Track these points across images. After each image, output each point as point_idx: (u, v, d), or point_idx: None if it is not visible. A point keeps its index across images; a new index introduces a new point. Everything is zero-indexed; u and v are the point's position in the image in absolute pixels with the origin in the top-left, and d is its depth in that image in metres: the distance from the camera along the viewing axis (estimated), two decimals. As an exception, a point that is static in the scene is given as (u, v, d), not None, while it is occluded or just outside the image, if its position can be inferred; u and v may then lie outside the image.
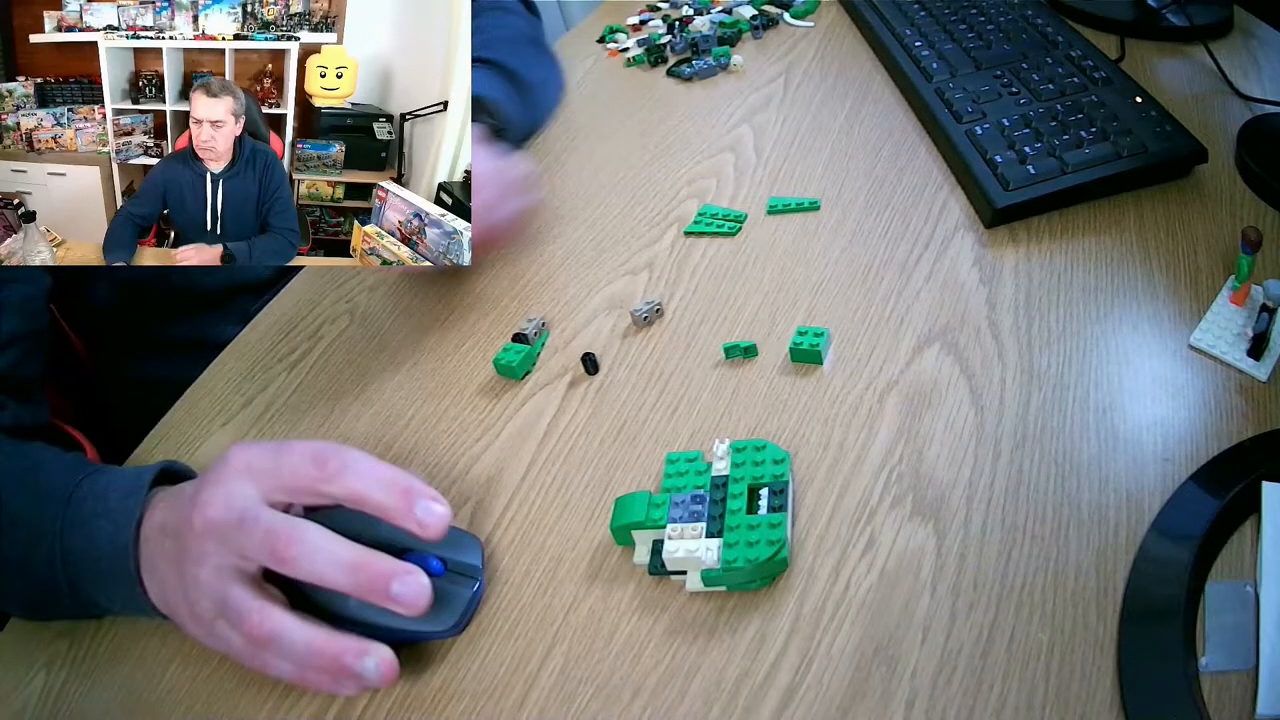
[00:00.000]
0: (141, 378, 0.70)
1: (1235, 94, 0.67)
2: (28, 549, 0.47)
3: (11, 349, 0.58)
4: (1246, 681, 0.36)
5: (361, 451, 0.44)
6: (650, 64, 0.89)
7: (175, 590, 0.44)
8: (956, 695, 0.37)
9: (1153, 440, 0.45)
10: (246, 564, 0.43)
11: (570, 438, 0.53)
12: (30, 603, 0.50)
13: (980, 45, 0.75)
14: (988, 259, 0.58)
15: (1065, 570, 0.41)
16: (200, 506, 0.43)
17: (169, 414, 0.63)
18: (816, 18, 0.92)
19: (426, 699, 0.43)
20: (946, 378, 0.50)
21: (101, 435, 0.64)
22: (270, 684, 0.45)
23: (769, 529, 0.43)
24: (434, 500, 0.44)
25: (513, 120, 0.74)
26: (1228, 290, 0.51)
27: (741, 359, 0.55)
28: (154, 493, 0.48)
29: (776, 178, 0.69)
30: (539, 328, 0.60)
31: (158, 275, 0.67)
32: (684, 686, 0.40)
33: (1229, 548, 0.40)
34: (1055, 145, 0.61)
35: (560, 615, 0.44)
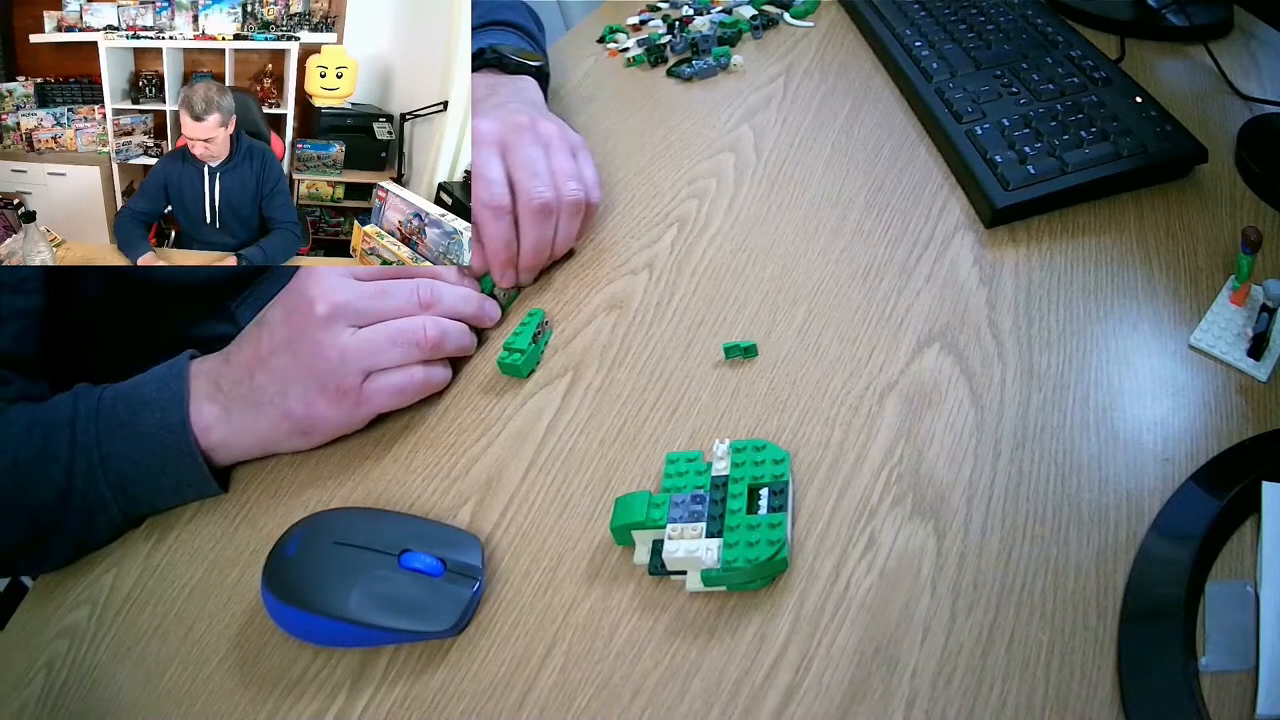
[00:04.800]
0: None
1: (1235, 94, 0.67)
2: (67, 476, 0.51)
3: (10, 324, 0.59)
4: (1246, 681, 0.36)
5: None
6: (650, 64, 0.89)
7: (298, 400, 0.52)
8: (956, 695, 0.38)
9: (1153, 440, 0.45)
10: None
11: (570, 438, 0.53)
12: (77, 538, 0.53)
13: (980, 45, 0.75)
14: (988, 259, 0.58)
15: (1065, 570, 0.41)
16: (326, 294, 0.52)
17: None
18: (816, 18, 0.92)
19: (426, 699, 0.43)
20: (946, 378, 0.50)
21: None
22: (270, 684, 0.45)
23: (769, 529, 0.43)
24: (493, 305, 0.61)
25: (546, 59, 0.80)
26: (1228, 290, 0.51)
27: (741, 359, 0.55)
28: (187, 369, 0.54)
29: (776, 178, 0.69)
30: (540, 325, 0.60)
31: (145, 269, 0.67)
32: (684, 686, 0.40)
33: (1229, 548, 0.40)
34: (1055, 145, 0.61)
35: (560, 615, 0.44)
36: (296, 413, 0.52)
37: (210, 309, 0.73)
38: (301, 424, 0.53)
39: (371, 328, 0.53)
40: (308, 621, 0.45)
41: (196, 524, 0.54)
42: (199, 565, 0.52)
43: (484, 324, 0.60)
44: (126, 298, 0.68)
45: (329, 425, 0.54)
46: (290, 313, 0.52)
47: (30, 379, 0.60)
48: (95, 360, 0.65)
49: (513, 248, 0.61)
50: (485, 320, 0.60)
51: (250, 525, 0.53)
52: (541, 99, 0.72)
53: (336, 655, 0.45)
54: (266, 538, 0.50)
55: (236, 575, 0.51)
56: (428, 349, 0.54)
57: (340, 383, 0.52)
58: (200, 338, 0.61)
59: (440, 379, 0.56)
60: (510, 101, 0.67)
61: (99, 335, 0.68)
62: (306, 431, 0.53)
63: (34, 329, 0.61)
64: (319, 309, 0.51)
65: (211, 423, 0.53)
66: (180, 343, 0.57)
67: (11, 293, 0.59)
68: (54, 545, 0.53)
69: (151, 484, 0.53)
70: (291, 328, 0.52)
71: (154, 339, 0.61)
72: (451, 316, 0.57)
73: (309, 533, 0.47)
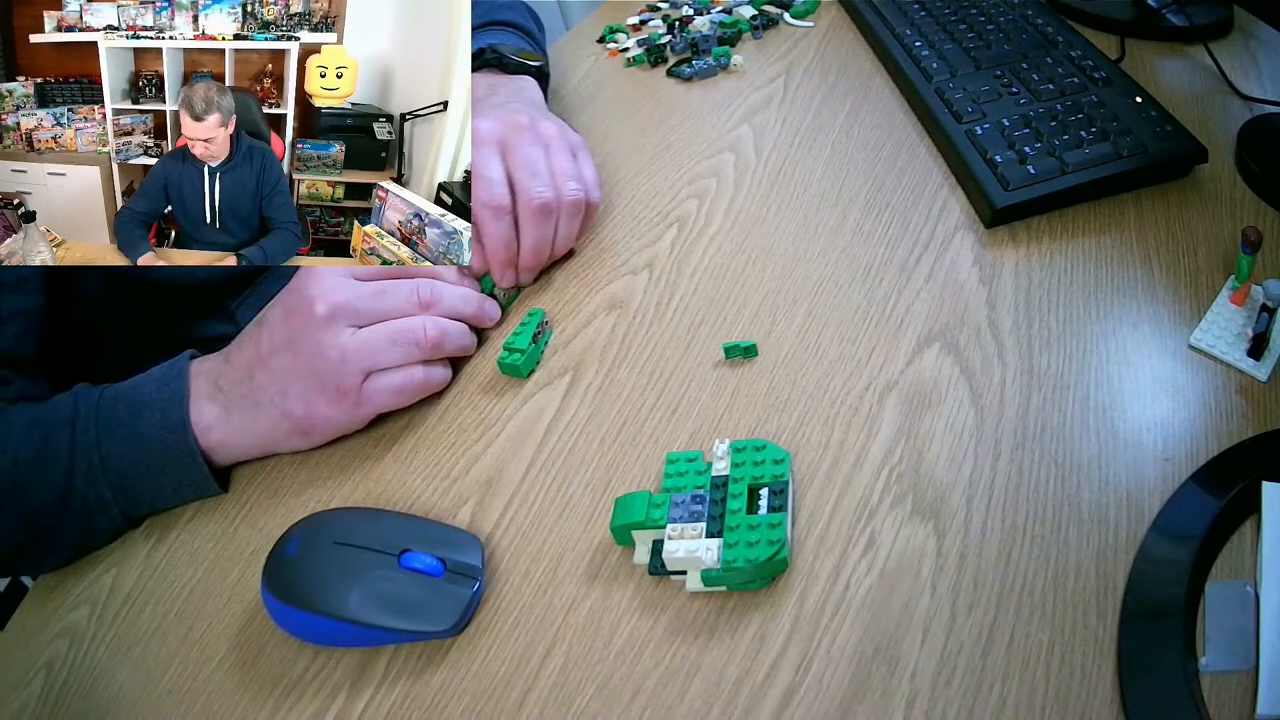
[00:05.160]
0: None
1: (1235, 94, 0.67)
2: (67, 476, 0.51)
3: (10, 324, 0.59)
4: (1246, 681, 0.36)
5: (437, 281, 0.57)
6: (650, 64, 0.89)
7: (298, 400, 0.52)
8: (956, 695, 0.38)
9: (1153, 440, 0.45)
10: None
11: (570, 438, 0.53)
12: (77, 538, 0.53)
13: (980, 45, 0.75)
14: (988, 259, 0.58)
15: (1065, 570, 0.41)
16: (326, 294, 0.52)
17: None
18: (816, 18, 0.92)
19: (426, 699, 0.43)
20: (946, 378, 0.50)
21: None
22: (270, 684, 0.45)
23: (769, 529, 0.43)
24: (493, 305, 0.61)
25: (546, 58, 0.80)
26: (1228, 290, 0.51)
27: (741, 359, 0.55)
28: (187, 369, 0.54)
29: (776, 178, 0.69)
30: (540, 325, 0.60)
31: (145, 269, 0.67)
32: (684, 686, 0.40)
33: (1229, 548, 0.40)
34: (1055, 145, 0.61)
35: (560, 615, 0.44)
36: (296, 413, 0.52)
37: (210, 309, 0.73)
38: (301, 424, 0.53)
39: (371, 328, 0.53)
40: (308, 621, 0.45)
41: (196, 524, 0.54)
42: (199, 565, 0.52)
43: (484, 324, 0.60)
44: (126, 298, 0.68)
45: (329, 425, 0.54)
46: (290, 313, 0.52)
47: (30, 379, 0.60)
48: (95, 360, 0.65)
49: (513, 248, 0.61)
50: (485, 320, 0.60)
51: (250, 525, 0.53)
52: (541, 99, 0.72)
53: (336, 655, 0.45)
54: (266, 538, 0.50)
55: (236, 575, 0.51)
56: (428, 349, 0.54)
57: (340, 383, 0.52)
58: (200, 338, 0.61)
59: (440, 379, 0.56)
60: (510, 101, 0.67)
61: (99, 335, 0.68)
62: (306, 431, 0.53)
63: (34, 329, 0.61)
64: (319, 309, 0.51)
65: (211, 422, 0.53)
66: (180, 343, 0.57)
67: (11, 293, 0.59)
68: (54, 545, 0.53)
69: (151, 484, 0.53)
70: (291, 328, 0.52)
71: (154, 339, 0.61)
72: (451, 316, 0.57)
73: (309, 533, 0.47)
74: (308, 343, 0.51)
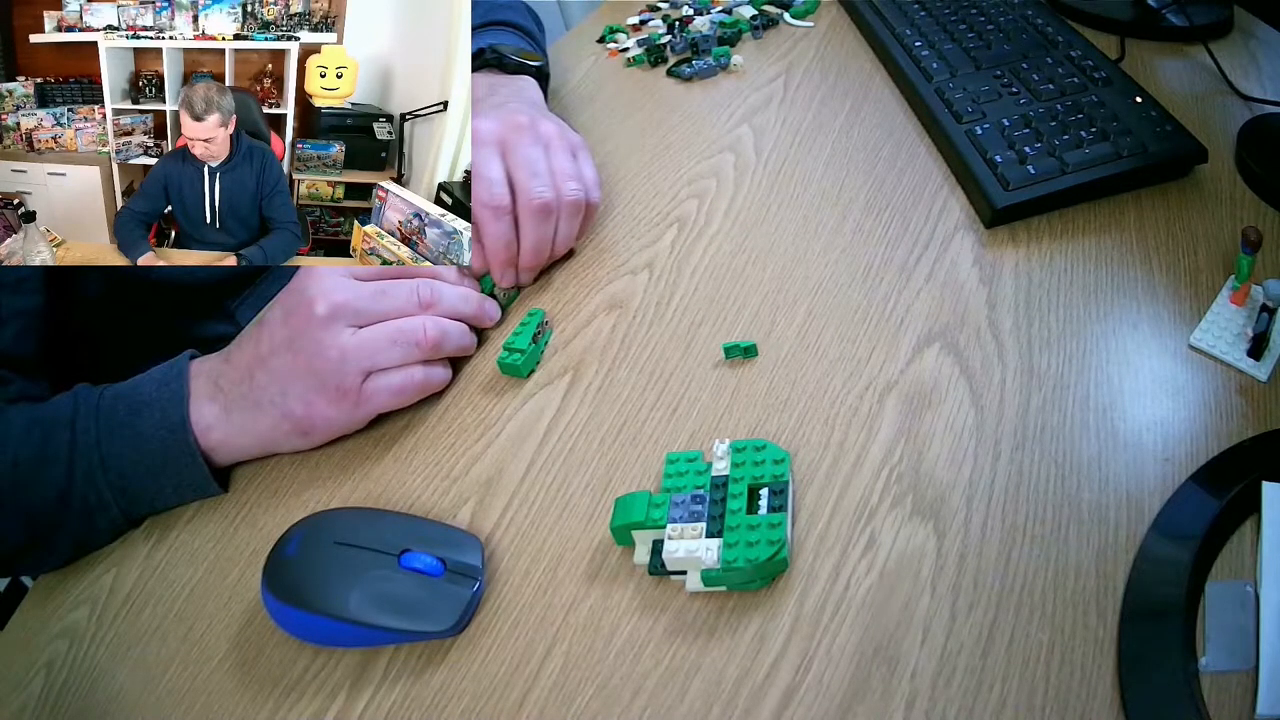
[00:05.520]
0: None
1: (1235, 94, 0.67)
2: (67, 476, 0.51)
3: (10, 324, 0.59)
4: (1246, 681, 0.36)
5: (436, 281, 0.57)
6: (650, 64, 0.89)
7: (298, 400, 0.52)
8: (956, 695, 0.38)
9: (1153, 440, 0.45)
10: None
11: (570, 438, 0.53)
12: (77, 538, 0.54)
13: (980, 45, 0.75)
14: (988, 259, 0.58)
15: (1065, 570, 0.41)
16: (326, 294, 0.52)
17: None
18: (816, 18, 0.92)
19: (426, 699, 0.43)
20: (946, 378, 0.50)
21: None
22: (270, 684, 0.45)
23: (769, 529, 0.43)
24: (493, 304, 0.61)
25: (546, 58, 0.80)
26: (1228, 290, 0.51)
27: (741, 359, 0.55)
28: (187, 369, 0.54)
29: (776, 178, 0.69)
30: (540, 325, 0.60)
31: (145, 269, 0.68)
32: (684, 686, 0.40)
33: (1229, 548, 0.40)
34: (1055, 145, 0.61)
35: (560, 615, 0.44)
36: (296, 413, 0.52)
37: (210, 309, 0.73)
38: (301, 424, 0.53)
39: (371, 328, 0.53)
40: (308, 621, 0.45)
41: (196, 524, 0.54)
42: (199, 565, 0.52)
43: (484, 324, 0.60)
44: (126, 298, 0.68)
45: (329, 425, 0.54)
46: (290, 313, 0.52)
47: (30, 379, 0.60)
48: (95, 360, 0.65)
49: (513, 248, 0.61)
50: (485, 320, 0.60)
51: (250, 525, 0.53)
52: (541, 99, 0.72)
53: (336, 655, 0.45)
54: (266, 538, 0.50)
55: (236, 575, 0.51)
56: (428, 349, 0.54)
57: (340, 383, 0.52)
58: (200, 338, 0.61)
59: (440, 379, 0.56)
60: (510, 101, 0.67)
61: (99, 335, 0.68)
62: (306, 431, 0.53)
63: (34, 329, 0.61)
64: (319, 309, 0.51)
65: (211, 422, 0.53)
66: (180, 343, 0.57)
67: (11, 293, 0.59)
68: (54, 545, 0.53)
69: (151, 484, 0.53)
70: (291, 328, 0.52)
71: (154, 339, 0.61)
72: (451, 316, 0.57)
73: (309, 533, 0.47)
74: (308, 342, 0.51)
